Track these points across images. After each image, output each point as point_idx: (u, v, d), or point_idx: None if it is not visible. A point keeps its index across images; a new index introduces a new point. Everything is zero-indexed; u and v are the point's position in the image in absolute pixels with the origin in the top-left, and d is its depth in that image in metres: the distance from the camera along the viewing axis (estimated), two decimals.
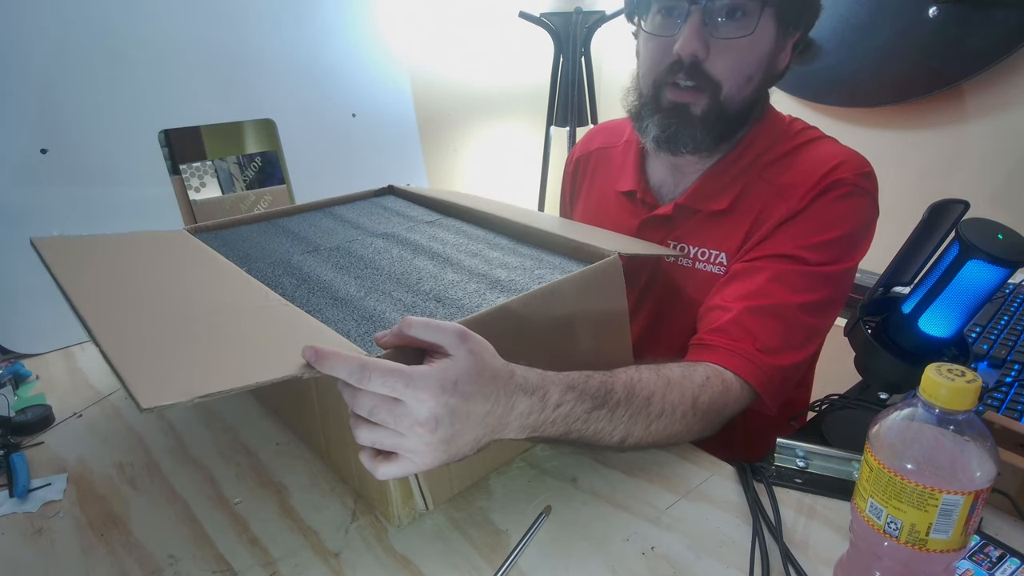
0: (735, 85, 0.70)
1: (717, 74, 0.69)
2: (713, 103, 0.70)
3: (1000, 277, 0.51)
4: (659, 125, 0.73)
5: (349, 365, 0.41)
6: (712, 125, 0.71)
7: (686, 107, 0.71)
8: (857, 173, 0.70)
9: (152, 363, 0.43)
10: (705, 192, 0.77)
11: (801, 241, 0.69)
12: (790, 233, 0.70)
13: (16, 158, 0.95)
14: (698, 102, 0.71)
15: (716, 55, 0.68)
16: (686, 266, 0.79)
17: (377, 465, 0.44)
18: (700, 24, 0.67)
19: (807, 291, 0.68)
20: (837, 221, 0.69)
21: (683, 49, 0.68)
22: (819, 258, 0.69)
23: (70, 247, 0.66)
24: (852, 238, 0.70)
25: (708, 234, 0.77)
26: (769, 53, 0.70)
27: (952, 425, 0.40)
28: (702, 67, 0.69)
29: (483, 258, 0.69)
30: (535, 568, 0.50)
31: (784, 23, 0.69)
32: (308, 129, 1.26)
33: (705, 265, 0.77)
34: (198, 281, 0.60)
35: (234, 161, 1.18)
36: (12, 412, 0.71)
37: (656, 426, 0.56)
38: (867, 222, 0.72)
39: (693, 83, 0.70)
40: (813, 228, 0.69)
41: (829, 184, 0.69)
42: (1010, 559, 0.49)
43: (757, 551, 0.50)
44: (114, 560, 0.52)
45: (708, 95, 0.70)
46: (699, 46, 0.67)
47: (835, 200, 0.70)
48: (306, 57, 1.25)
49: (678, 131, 0.72)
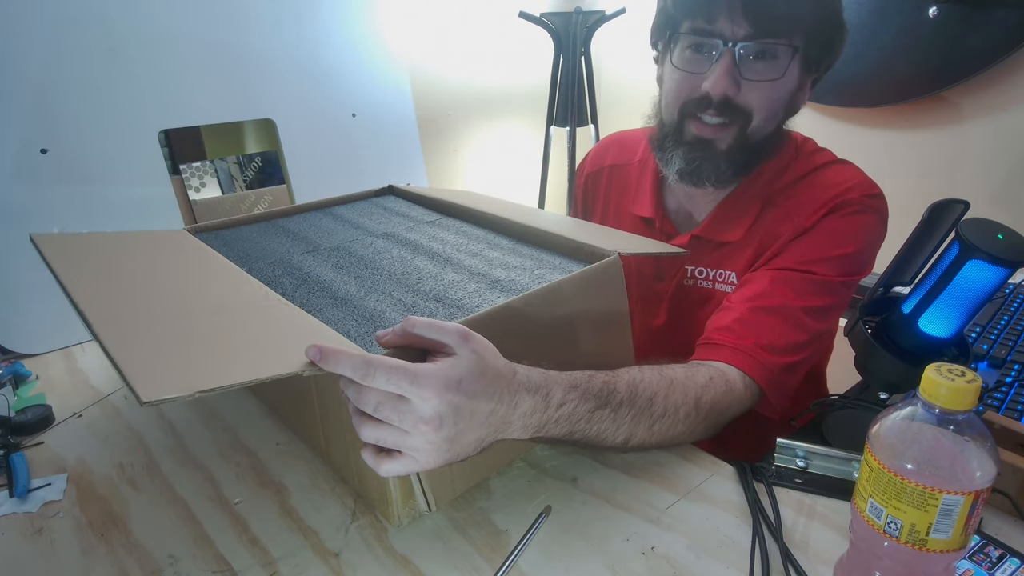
0: (763, 119, 0.71)
1: (747, 104, 0.70)
2: (740, 135, 0.71)
3: (1000, 277, 0.51)
4: (684, 159, 0.74)
5: (354, 362, 0.41)
6: (735, 158, 0.72)
7: (711, 143, 0.72)
8: (864, 194, 0.72)
9: (153, 358, 0.43)
10: (720, 222, 0.78)
11: (810, 256, 0.70)
12: (799, 249, 0.71)
13: (16, 158, 0.95)
14: (725, 137, 0.72)
15: (746, 92, 0.69)
16: (705, 287, 0.81)
17: (380, 462, 0.44)
18: (732, 64, 0.67)
19: (812, 296, 0.69)
20: (846, 238, 0.71)
21: (714, 89, 0.68)
22: (826, 271, 0.70)
23: (70, 244, 0.66)
24: (860, 255, 0.71)
25: (722, 258, 0.79)
26: (792, 92, 0.72)
27: (952, 425, 0.40)
28: (732, 101, 0.70)
29: (483, 258, 0.69)
30: (535, 568, 0.50)
31: (808, 64, 0.70)
32: (308, 129, 1.26)
33: (723, 286, 0.79)
34: (198, 280, 0.60)
35: (234, 161, 1.18)
36: (12, 412, 0.71)
37: (659, 426, 0.56)
38: (875, 240, 0.73)
39: (723, 119, 0.70)
40: (821, 244, 0.71)
41: (837, 204, 0.71)
42: (1010, 559, 0.49)
43: (757, 551, 0.50)
44: (114, 560, 0.52)
45: (737, 128, 0.71)
46: (730, 86, 0.68)
47: (843, 218, 0.71)
48: (306, 57, 1.25)
49: (702, 165, 0.73)
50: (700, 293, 0.81)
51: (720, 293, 0.79)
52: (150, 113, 1.07)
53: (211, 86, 1.14)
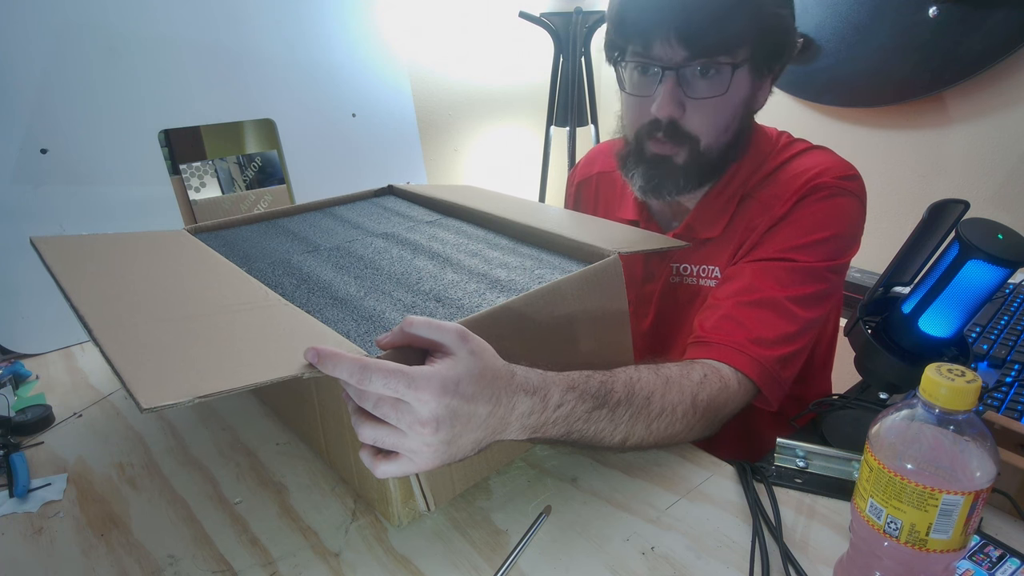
0: (712, 137, 0.72)
1: (694, 130, 0.71)
2: (693, 154, 0.72)
3: (1000, 277, 0.51)
4: (643, 176, 0.75)
5: (350, 366, 0.41)
6: (693, 172, 0.74)
7: (668, 159, 0.73)
8: (838, 176, 0.72)
9: (152, 363, 0.43)
10: (700, 220, 0.79)
11: (788, 243, 0.70)
12: (777, 238, 0.72)
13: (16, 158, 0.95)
14: (679, 154, 0.73)
15: (692, 112, 0.70)
16: (691, 284, 0.81)
17: (377, 463, 0.44)
18: (675, 86, 0.69)
19: (796, 285, 0.69)
20: (822, 222, 0.71)
21: (659, 112, 0.70)
22: (807, 258, 0.70)
23: (70, 246, 0.66)
24: (840, 238, 0.71)
25: (706, 254, 0.79)
26: (745, 100, 0.72)
27: (952, 425, 0.40)
28: (679, 125, 0.71)
29: (483, 258, 0.69)
30: (535, 568, 0.50)
31: (758, 70, 0.71)
32: (308, 129, 1.26)
33: (707, 281, 0.79)
34: (198, 281, 0.60)
35: (234, 161, 1.18)
36: (12, 412, 0.71)
37: (657, 425, 0.56)
38: (854, 221, 0.73)
39: (672, 141, 0.72)
40: (798, 231, 0.71)
41: (810, 189, 0.71)
42: (1010, 559, 0.49)
43: (757, 551, 0.50)
44: (114, 560, 0.52)
45: (687, 148, 0.72)
46: (674, 108, 0.69)
47: (817, 202, 0.71)
48: (306, 57, 1.25)
49: (662, 182, 0.75)
50: (686, 290, 0.81)
51: (706, 288, 0.79)
52: (150, 113, 1.08)
53: (211, 86, 1.14)
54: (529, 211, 0.80)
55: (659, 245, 0.70)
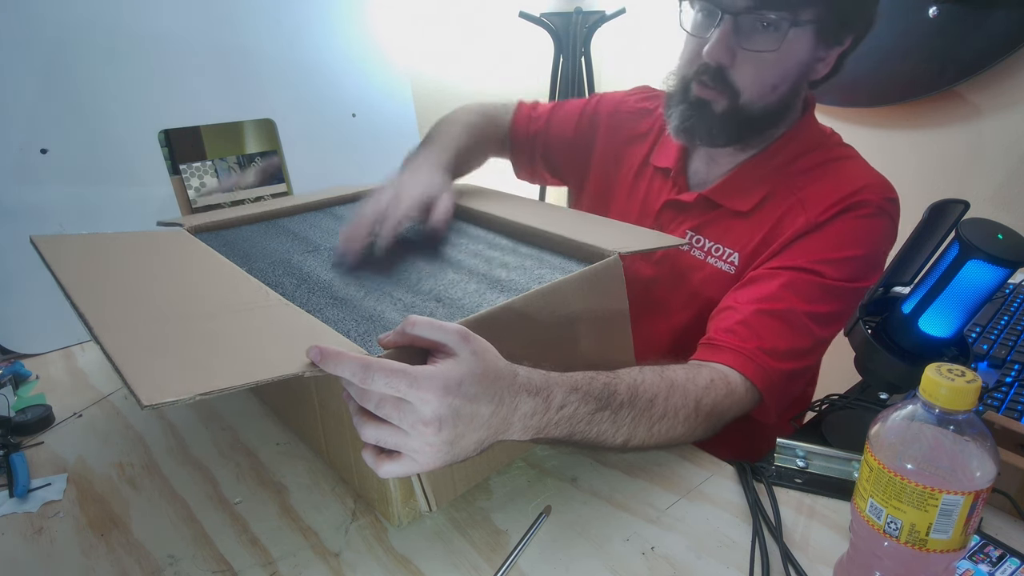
0: (756, 94, 0.71)
1: (737, 81, 0.70)
2: (732, 105, 0.72)
3: (1000, 277, 0.51)
4: (680, 115, 0.75)
5: (353, 365, 0.41)
6: (728, 124, 0.73)
7: (707, 104, 0.73)
8: (883, 197, 0.71)
9: (153, 360, 0.43)
10: (731, 189, 0.77)
11: (819, 255, 0.69)
12: (809, 246, 0.70)
13: (16, 157, 0.95)
14: (718, 101, 0.72)
15: (741, 63, 0.69)
16: (697, 257, 0.79)
17: (380, 463, 0.44)
18: (729, 32, 0.68)
19: (819, 302, 0.68)
20: (857, 240, 0.70)
21: (708, 55, 0.69)
22: (835, 274, 0.69)
23: (70, 245, 0.66)
24: (870, 258, 0.70)
25: (725, 231, 0.77)
26: (801, 63, 0.71)
27: (952, 425, 0.40)
28: (725, 73, 0.70)
29: (483, 258, 0.69)
30: (535, 568, 0.50)
31: (823, 37, 0.69)
32: (308, 129, 1.26)
33: (716, 261, 0.77)
34: (198, 280, 0.60)
35: (234, 161, 1.18)
36: (12, 412, 0.71)
37: (659, 428, 0.56)
38: (886, 247, 0.72)
39: (715, 88, 0.71)
40: (832, 244, 0.70)
41: (853, 203, 0.70)
42: (1010, 559, 0.49)
43: (757, 551, 0.50)
44: (114, 560, 0.52)
45: (727, 98, 0.71)
46: (724, 54, 0.69)
47: (857, 219, 0.70)
48: (306, 57, 1.25)
49: (695, 124, 0.74)
50: (689, 260, 0.80)
51: (710, 267, 0.78)
52: (150, 113, 1.07)
53: (211, 86, 1.14)
54: (529, 211, 0.79)
55: (659, 244, 0.70)
